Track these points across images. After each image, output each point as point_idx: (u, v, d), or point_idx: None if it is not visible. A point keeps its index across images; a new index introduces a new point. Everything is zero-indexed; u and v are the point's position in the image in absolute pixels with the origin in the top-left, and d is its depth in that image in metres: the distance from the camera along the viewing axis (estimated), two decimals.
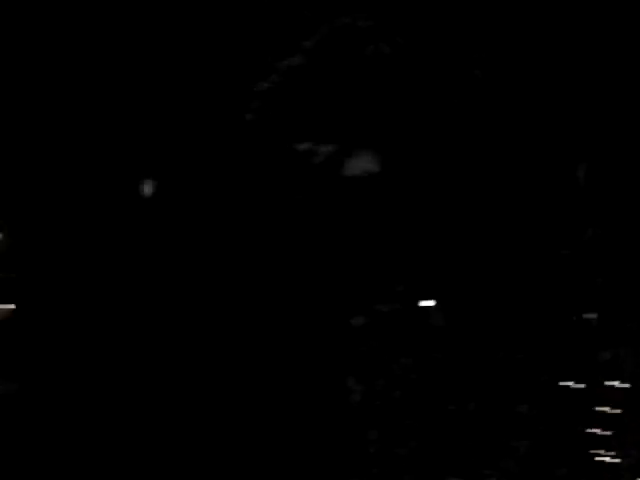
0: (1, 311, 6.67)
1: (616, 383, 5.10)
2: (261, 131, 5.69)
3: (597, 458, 4.95)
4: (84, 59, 6.03)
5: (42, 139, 6.30)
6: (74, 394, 5.73)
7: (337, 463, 5.37)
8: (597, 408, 4.94)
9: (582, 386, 5.03)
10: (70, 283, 6.06)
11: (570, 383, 5.05)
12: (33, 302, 6.12)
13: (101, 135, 5.97)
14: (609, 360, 5.12)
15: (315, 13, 5.67)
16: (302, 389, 5.55)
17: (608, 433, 4.97)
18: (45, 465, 5.61)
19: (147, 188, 6.14)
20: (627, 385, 5.08)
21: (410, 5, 5.45)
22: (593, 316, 5.03)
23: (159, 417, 5.67)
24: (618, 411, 5.07)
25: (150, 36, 5.94)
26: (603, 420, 4.95)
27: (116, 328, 5.89)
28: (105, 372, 5.79)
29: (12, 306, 6.49)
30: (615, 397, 5.13)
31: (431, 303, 5.31)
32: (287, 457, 5.39)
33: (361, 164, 5.46)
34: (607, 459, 4.94)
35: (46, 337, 5.97)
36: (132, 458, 5.63)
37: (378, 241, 5.49)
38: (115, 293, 5.94)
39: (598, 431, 4.90)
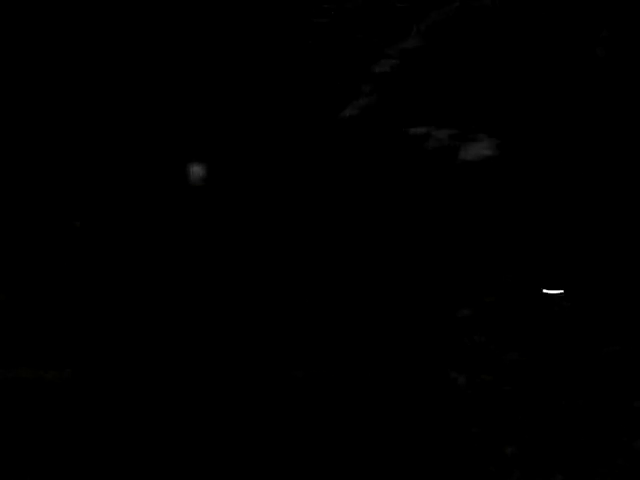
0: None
1: None
2: (374, 116, 5.52)
3: None
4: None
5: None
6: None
7: (438, 458, 5.04)
8: None
9: None
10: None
11: None
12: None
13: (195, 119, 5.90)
14: None
15: None
16: (404, 383, 5.27)
17: None
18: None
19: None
20: None
21: None
22: None
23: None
24: None
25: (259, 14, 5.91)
26: None
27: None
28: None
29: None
30: None
31: (554, 292, 4.99)
32: (387, 450, 5.10)
33: (478, 149, 5.23)
34: None
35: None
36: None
37: (489, 228, 5.21)
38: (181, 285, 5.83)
39: None
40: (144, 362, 5.84)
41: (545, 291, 5.11)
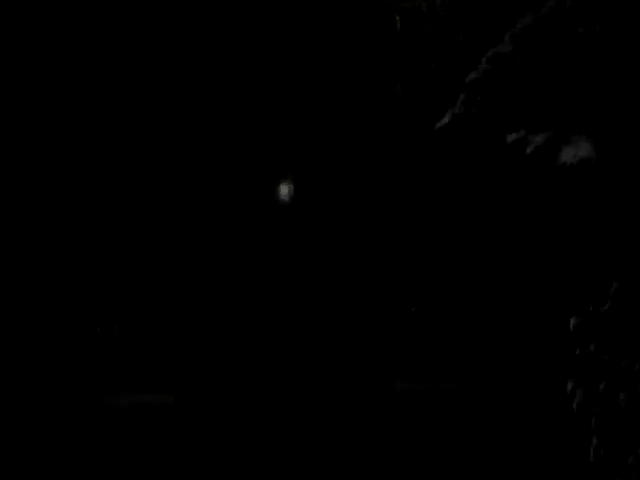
0: None
1: None
2: (470, 123, 5.45)
3: None
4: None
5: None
6: None
7: (556, 469, 5.07)
8: None
9: None
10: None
11: None
12: None
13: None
14: None
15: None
16: (518, 392, 5.28)
17: None
18: None
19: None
20: None
21: None
22: None
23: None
24: None
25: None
26: None
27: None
28: None
29: None
30: None
31: None
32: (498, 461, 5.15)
33: (576, 151, 5.11)
34: None
35: None
36: None
37: (592, 235, 5.13)
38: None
39: None
40: (256, 388, 5.89)
41: None
